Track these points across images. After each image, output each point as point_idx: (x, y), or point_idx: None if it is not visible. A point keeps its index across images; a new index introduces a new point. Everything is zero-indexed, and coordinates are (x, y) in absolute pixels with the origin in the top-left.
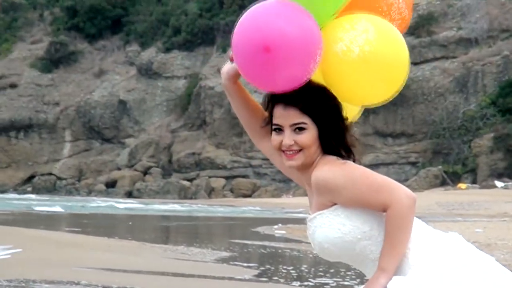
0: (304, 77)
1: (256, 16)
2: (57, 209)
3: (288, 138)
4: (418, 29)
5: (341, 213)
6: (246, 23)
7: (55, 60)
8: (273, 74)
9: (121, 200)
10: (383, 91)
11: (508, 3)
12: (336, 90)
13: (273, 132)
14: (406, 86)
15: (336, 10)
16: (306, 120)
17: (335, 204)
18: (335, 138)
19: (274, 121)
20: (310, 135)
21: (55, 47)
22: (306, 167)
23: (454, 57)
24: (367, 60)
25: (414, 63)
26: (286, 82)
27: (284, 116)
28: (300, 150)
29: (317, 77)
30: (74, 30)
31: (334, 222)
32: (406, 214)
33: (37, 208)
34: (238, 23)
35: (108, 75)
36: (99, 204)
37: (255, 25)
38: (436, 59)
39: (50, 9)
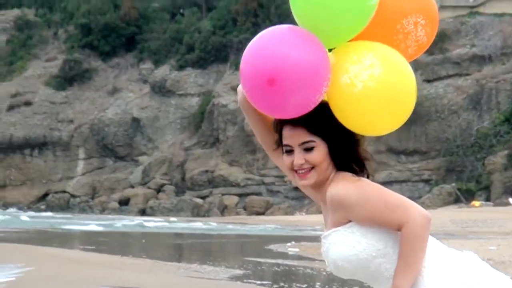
0: (310, 107)
1: (262, 45)
2: (93, 227)
3: (298, 157)
4: (431, 46)
5: (356, 231)
6: (252, 52)
7: (69, 78)
8: (279, 104)
9: (150, 218)
10: (386, 124)
11: None
12: (339, 119)
13: (284, 154)
14: (419, 104)
15: (349, 39)
16: (314, 138)
17: (350, 221)
18: (346, 153)
19: (284, 142)
20: (320, 153)
21: (69, 65)
22: (320, 185)
23: (467, 75)
24: (369, 96)
25: (427, 81)
26: (293, 110)
27: (293, 136)
28: (312, 168)
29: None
30: (88, 48)
31: (349, 239)
32: (421, 233)
33: (71, 227)
34: (246, 49)
35: (122, 93)
36: (129, 223)
37: (261, 55)
38: (449, 76)
39: (65, 27)
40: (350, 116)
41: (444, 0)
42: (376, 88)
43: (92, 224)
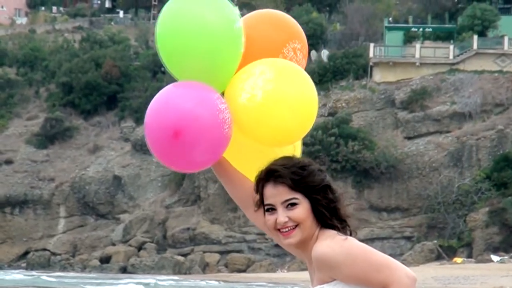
0: (216, 155)
1: (165, 100)
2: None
3: (281, 215)
4: (412, 103)
5: (342, 287)
6: (157, 107)
7: (51, 136)
8: (184, 157)
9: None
10: (296, 126)
11: (501, 77)
12: (256, 137)
13: (267, 213)
14: (401, 161)
15: (232, 73)
16: (297, 195)
17: (335, 279)
18: (328, 210)
19: (266, 201)
20: (303, 209)
21: (51, 123)
22: (305, 243)
23: (448, 132)
24: (272, 99)
25: (408, 138)
26: (200, 160)
27: (275, 195)
28: (296, 227)
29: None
30: (69, 106)
31: None
32: None
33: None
34: (150, 104)
35: (103, 151)
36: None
37: (165, 110)
38: (430, 133)
39: (46, 85)
40: (262, 128)
41: (424, 57)
42: (275, 89)
43: (130, 283)
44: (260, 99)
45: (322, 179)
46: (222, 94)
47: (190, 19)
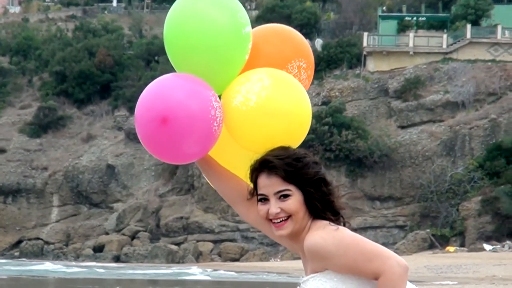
0: (205, 147)
1: (154, 89)
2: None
3: (274, 206)
4: (405, 92)
5: (334, 277)
6: (146, 96)
7: (44, 125)
8: (173, 145)
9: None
10: (284, 137)
11: (494, 66)
12: (244, 142)
13: (259, 203)
14: (394, 150)
15: (233, 77)
16: (290, 187)
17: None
18: (321, 202)
19: (259, 191)
20: (295, 201)
21: (44, 112)
22: (297, 235)
23: (441, 121)
24: (265, 105)
25: (401, 127)
26: (188, 151)
27: (268, 185)
28: (288, 218)
29: (224, 135)
30: (62, 95)
31: (327, 285)
32: (398, 283)
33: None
34: (141, 94)
35: (97, 140)
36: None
37: (154, 97)
38: (423, 122)
39: (39, 74)
40: (251, 133)
41: (417, 46)
42: (269, 96)
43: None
44: (253, 104)
45: (316, 172)
46: (220, 96)
47: (201, 17)
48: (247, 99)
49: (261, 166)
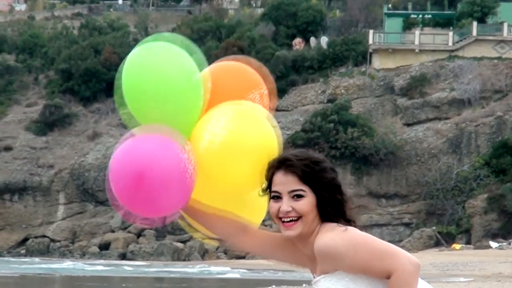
0: (181, 202)
1: (129, 145)
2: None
3: (286, 204)
4: (411, 90)
5: (346, 277)
6: (121, 153)
7: (50, 123)
8: (151, 200)
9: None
10: (252, 171)
11: (500, 64)
12: (217, 182)
13: (271, 200)
14: (400, 147)
15: (195, 120)
16: (304, 188)
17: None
18: (334, 208)
19: (273, 188)
20: (308, 203)
21: (50, 110)
22: (305, 237)
23: (447, 118)
24: (232, 139)
25: (407, 124)
26: (167, 204)
27: (284, 183)
28: (298, 219)
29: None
30: (68, 93)
31: (339, 285)
32: (410, 280)
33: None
34: (116, 152)
35: (102, 138)
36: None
37: (129, 154)
38: (429, 120)
39: (45, 72)
40: (223, 171)
41: (423, 44)
42: (236, 128)
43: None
44: (221, 139)
45: (333, 178)
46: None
47: (153, 71)
48: (214, 134)
49: (279, 163)
